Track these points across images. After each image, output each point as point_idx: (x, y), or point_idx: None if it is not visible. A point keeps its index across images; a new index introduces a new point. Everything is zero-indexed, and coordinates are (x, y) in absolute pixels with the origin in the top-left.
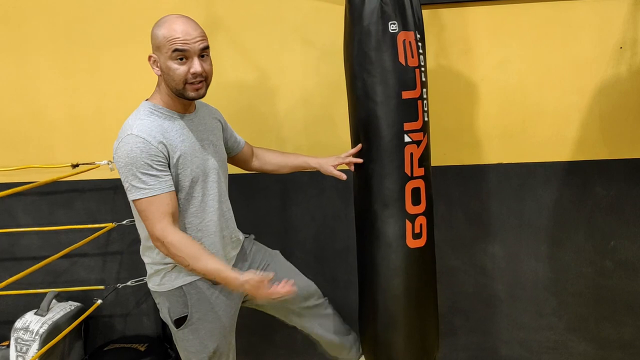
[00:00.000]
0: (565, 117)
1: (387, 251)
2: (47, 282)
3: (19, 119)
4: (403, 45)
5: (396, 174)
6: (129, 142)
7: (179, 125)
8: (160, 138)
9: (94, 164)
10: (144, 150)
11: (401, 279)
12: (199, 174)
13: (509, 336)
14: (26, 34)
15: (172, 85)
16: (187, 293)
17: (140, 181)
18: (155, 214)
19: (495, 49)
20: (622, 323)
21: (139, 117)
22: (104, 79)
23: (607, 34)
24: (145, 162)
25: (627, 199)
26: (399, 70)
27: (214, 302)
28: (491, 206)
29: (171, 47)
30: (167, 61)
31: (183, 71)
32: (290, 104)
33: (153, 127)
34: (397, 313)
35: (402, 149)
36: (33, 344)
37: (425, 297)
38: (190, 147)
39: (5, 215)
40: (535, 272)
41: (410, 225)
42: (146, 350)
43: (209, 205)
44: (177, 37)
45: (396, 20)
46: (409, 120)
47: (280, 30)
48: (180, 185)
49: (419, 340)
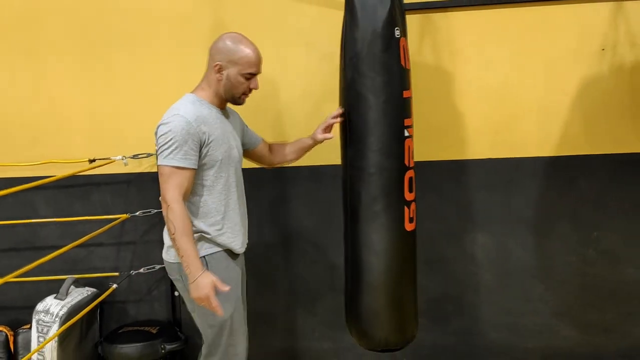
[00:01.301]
0: (550, 114)
1: (388, 234)
2: (66, 269)
3: (39, 117)
4: (403, 49)
5: (398, 165)
6: (175, 119)
7: (215, 115)
8: (201, 122)
9: (109, 159)
10: (185, 128)
11: (399, 259)
12: (227, 158)
13: (498, 321)
14: (45, 38)
15: (231, 93)
16: (207, 262)
17: (172, 151)
18: (174, 183)
19: (482, 51)
20: (605, 309)
21: (184, 104)
22: (118, 79)
23: (589, 36)
24: (183, 138)
25: (609, 192)
26: (401, 72)
27: (229, 273)
28: (480, 199)
29: (247, 68)
30: (237, 76)
31: (247, 86)
32: (291, 102)
33: (198, 112)
34: (392, 289)
35: (403, 142)
36: (53, 325)
37: (412, 275)
38: (221, 134)
39: (26, 207)
40: (523, 261)
41: (407, 211)
42: (157, 333)
43: (232, 187)
44: (255, 62)
45: (399, 27)
46: (407, 116)
47: (283, 34)
48: (212, 163)
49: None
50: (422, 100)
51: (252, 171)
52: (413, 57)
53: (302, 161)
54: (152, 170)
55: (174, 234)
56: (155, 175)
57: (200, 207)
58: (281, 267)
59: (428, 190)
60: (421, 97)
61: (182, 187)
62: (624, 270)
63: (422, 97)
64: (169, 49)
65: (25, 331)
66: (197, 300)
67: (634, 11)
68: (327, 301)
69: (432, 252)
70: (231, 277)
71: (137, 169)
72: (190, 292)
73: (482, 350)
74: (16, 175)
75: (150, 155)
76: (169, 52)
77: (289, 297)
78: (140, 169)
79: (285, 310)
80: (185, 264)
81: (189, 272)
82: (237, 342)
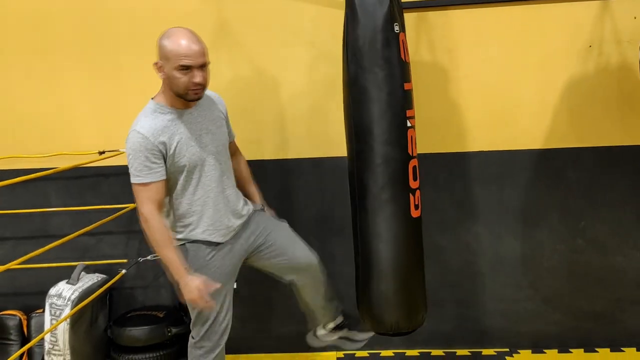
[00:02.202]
0: (539, 109)
1: (394, 221)
2: (76, 257)
3: (51, 111)
4: (402, 44)
5: (402, 155)
6: (132, 137)
7: (178, 120)
8: (159, 134)
9: (117, 151)
10: (143, 144)
11: (407, 245)
12: (196, 160)
13: (491, 307)
14: (56, 37)
15: (175, 90)
16: (188, 249)
17: (137, 170)
18: (144, 198)
19: (477, 48)
20: (593, 295)
21: (143, 115)
22: (125, 75)
23: (577, 34)
24: (143, 155)
25: (596, 183)
26: (402, 65)
27: (209, 262)
28: (474, 190)
29: (177, 61)
30: (172, 71)
31: (186, 80)
32: (291, 98)
33: (154, 124)
34: (403, 274)
35: (406, 132)
36: (65, 308)
37: (420, 261)
38: (185, 138)
39: (39, 197)
40: (514, 249)
41: (412, 198)
42: (164, 317)
43: (206, 185)
44: (183, 53)
45: (398, 22)
46: (409, 108)
47: (283, 33)
48: (179, 170)
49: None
50: (419, 94)
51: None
52: (411, 53)
53: (305, 153)
54: None
55: (155, 247)
56: None
57: (175, 209)
58: None
59: (424, 181)
60: (418, 91)
61: (153, 200)
62: (612, 258)
63: (420, 91)
64: None
65: (38, 315)
66: (191, 302)
67: (620, 9)
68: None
69: (428, 241)
70: (209, 265)
71: None
72: (184, 296)
73: (477, 335)
74: (29, 167)
75: None
76: None
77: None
78: None
79: (286, 297)
80: (173, 272)
81: (178, 279)
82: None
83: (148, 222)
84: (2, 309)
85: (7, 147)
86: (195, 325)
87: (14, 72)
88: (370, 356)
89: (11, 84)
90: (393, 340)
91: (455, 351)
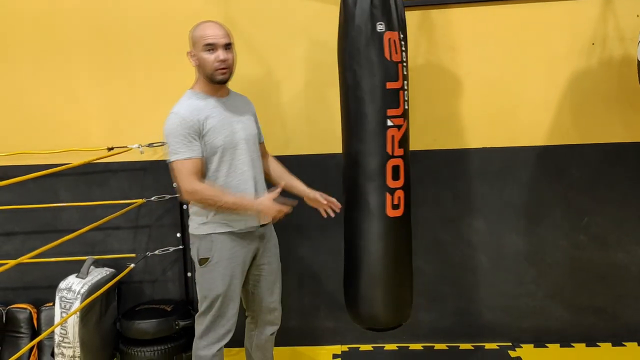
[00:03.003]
0: (542, 106)
1: (371, 219)
2: (85, 252)
3: (61, 108)
4: (388, 43)
5: (379, 153)
6: (171, 119)
7: (212, 104)
8: (195, 114)
9: (126, 147)
10: (181, 124)
11: (382, 243)
12: (228, 143)
13: (493, 303)
14: (64, 34)
15: (204, 72)
16: (213, 241)
17: (176, 147)
18: (185, 173)
19: (479, 45)
20: (595, 291)
21: (181, 101)
22: (134, 72)
23: (580, 31)
24: (182, 133)
25: (599, 180)
26: (385, 64)
27: (231, 254)
28: (476, 186)
29: (203, 41)
30: (200, 53)
31: (212, 59)
32: (294, 94)
33: (191, 106)
34: (377, 272)
35: (385, 131)
36: (75, 301)
37: (401, 259)
38: (220, 121)
39: (48, 193)
40: (516, 245)
41: (390, 197)
42: (172, 310)
43: (238, 168)
44: (207, 34)
45: (383, 22)
46: (392, 107)
47: (286, 30)
48: (213, 150)
49: (396, 297)
50: (421, 92)
51: None
52: (413, 51)
53: (306, 150)
54: (166, 158)
55: (216, 202)
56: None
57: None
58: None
59: (426, 177)
60: (421, 89)
61: (193, 174)
62: (614, 255)
63: (422, 89)
64: (180, 44)
65: (48, 309)
66: (272, 213)
67: (622, 7)
68: (330, 283)
69: (430, 236)
70: (234, 257)
71: (152, 157)
72: (262, 219)
73: (478, 330)
74: (39, 163)
75: (164, 144)
76: (181, 47)
77: (295, 279)
78: (155, 156)
79: (287, 291)
80: (243, 209)
81: (251, 210)
82: (226, 314)
83: (195, 192)
84: (13, 303)
85: (17, 143)
86: (202, 317)
87: (24, 69)
88: (374, 349)
89: (22, 80)
90: (396, 335)
91: (459, 345)
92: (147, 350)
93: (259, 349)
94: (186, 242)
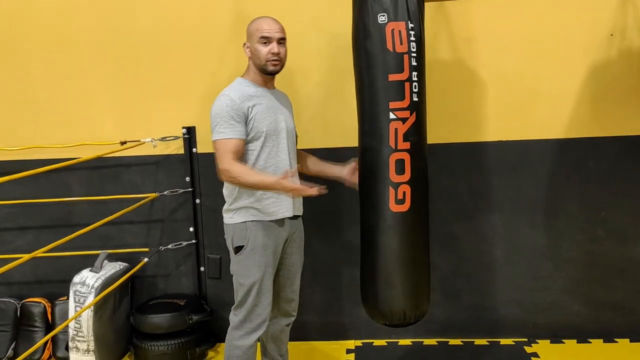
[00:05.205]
0: (559, 98)
1: (375, 214)
2: (98, 246)
3: (73, 103)
4: (392, 34)
5: (382, 146)
6: (221, 99)
7: (260, 93)
8: (244, 99)
9: (139, 142)
10: (229, 105)
11: (384, 239)
12: (272, 129)
13: (508, 298)
14: (77, 29)
15: (257, 62)
16: (248, 228)
17: (221, 127)
18: (225, 152)
19: (495, 37)
20: (612, 286)
21: (232, 85)
22: (146, 67)
23: (598, 22)
24: (229, 114)
25: (617, 173)
26: (388, 56)
27: (265, 242)
28: (491, 179)
29: (258, 34)
30: (254, 44)
31: (266, 51)
32: (308, 87)
33: (240, 91)
34: (382, 267)
35: (388, 124)
36: (89, 295)
37: (409, 255)
38: (265, 108)
39: (61, 187)
40: (532, 240)
41: (393, 192)
42: (185, 305)
43: (280, 155)
44: (263, 27)
45: (386, 13)
46: (396, 99)
47: (299, 21)
48: (257, 135)
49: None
50: (437, 84)
51: None
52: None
53: (319, 143)
54: (179, 152)
55: (251, 182)
56: (181, 156)
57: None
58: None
59: (439, 171)
60: (436, 81)
61: (233, 154)
62: (632, 249)
63: (437, 81)
64: (193, 39)
65: (62, 302)
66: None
67: None
68: (344, 278)
69: (445, 230)
70: (267, 245)
71: (165, 151)
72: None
73: (493, 325)
74: (52, 157)
75: (177, 138)
76: (193, 43)
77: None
78: (167, 150)
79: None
80: (276, 189)
81: (282, 189)
82: (262, 303)
83: (231, 170)
84: (27, 297)
85: (30, 137)
86: (239, 307)
87: (37, 64)
88: (388, 345)
89: (35, 75)
90: (410, 330)
91: (473, 340)
92: (161, 344)
93: (273, 340)
94: (199, 236)
